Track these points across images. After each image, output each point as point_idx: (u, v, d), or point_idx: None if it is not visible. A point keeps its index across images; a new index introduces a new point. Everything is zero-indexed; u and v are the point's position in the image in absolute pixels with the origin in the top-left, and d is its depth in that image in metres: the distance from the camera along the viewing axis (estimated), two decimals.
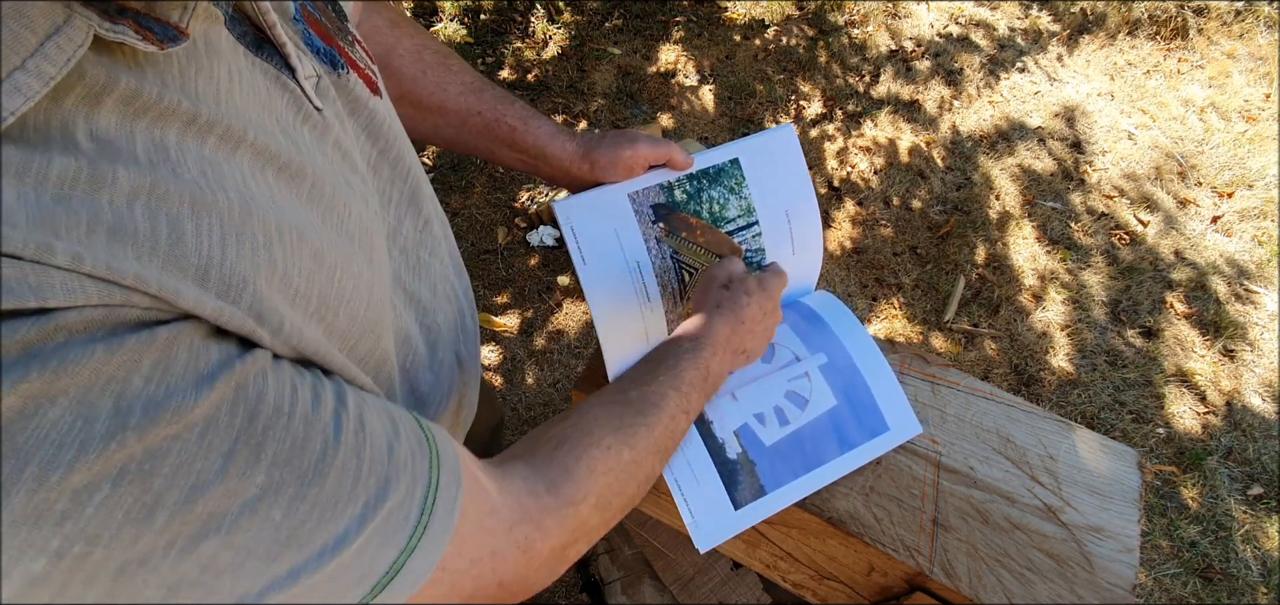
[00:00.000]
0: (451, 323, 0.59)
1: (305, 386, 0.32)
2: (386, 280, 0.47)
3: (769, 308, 0.65)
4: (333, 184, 0.40)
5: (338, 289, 0.38)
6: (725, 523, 0.64)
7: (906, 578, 0.73)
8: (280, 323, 0.32)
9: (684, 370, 0.57)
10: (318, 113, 0.42)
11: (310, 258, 0.35)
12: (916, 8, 2.72)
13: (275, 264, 0.32)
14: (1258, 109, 2.37)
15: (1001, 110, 2.41)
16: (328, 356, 0.36)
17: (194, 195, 0.29)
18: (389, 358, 0.47)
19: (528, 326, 1.93)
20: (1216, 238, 2.07)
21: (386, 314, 0.47)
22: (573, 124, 2.38)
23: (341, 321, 0.38)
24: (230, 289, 0.30)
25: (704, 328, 0.61)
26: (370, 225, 0.44)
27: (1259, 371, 1.82)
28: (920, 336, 1.91)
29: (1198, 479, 1.66)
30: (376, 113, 0.49)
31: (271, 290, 0.32)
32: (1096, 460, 0.78)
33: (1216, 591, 1.53)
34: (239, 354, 0.29)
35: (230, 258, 0.30)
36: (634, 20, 2.69)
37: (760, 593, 1.08)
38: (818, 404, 0.71)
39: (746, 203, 0.73)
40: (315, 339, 0.35)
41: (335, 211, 0.39)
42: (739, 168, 0.73)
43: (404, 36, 0.69)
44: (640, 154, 0.69)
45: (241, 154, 0.33)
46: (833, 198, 2.20)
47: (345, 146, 0.44)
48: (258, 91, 0.37)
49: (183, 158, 0.30)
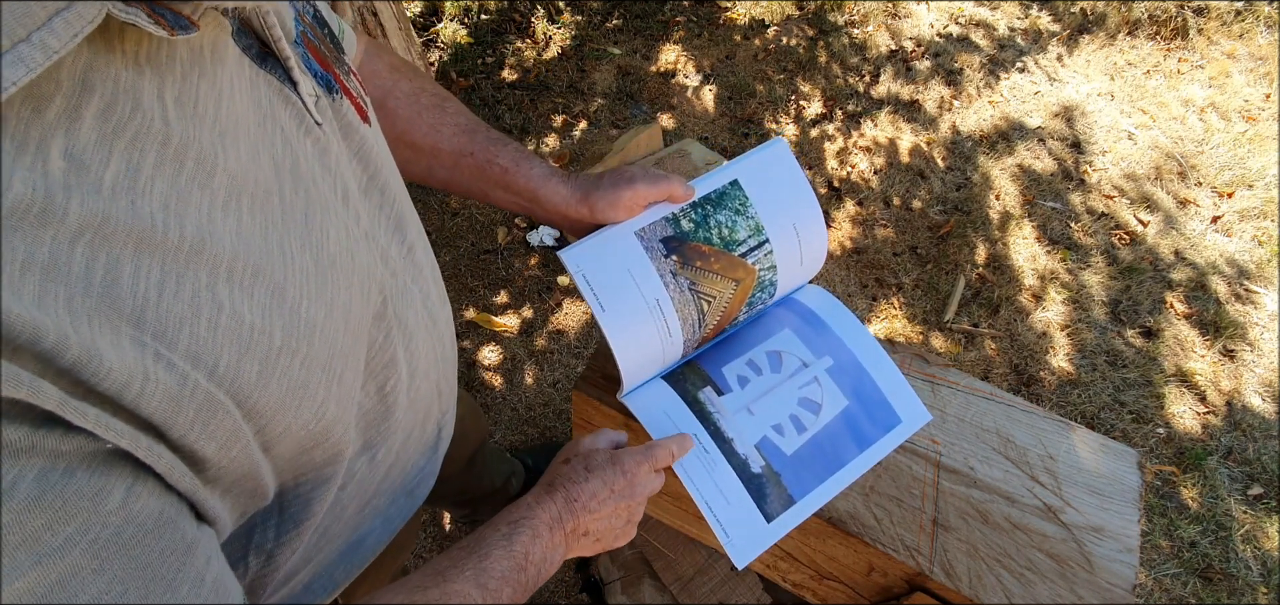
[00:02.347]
0: (432, 351, 0.59)
1: (135, 588, 0.30)
2: (372, 306, 0.47)
3: (619, 486, 0.58)
4: (322, 203, 0.40)
5: (305, 321, 0.38)
6: (759, 536, 0.64)
7: (906, 578, 0.73)
8: (215, 365, 0.32)
9: (493, 563, 0.51)
10: (319, 127, 0.42)
11: (268, 294, 0.35)
12: (916, 8, 2.72)
13: (220, 306, 0.32)
14: (1258, 109, 2.37)
15: (1001, 110, 2.41)
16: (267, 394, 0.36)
17: (143, 232, 0.29)
18: (361, 385, 0.47)
19: (528, 326, 1.93)
20: (1216, 238, 2.07)
21: (366, 337, 0.47)
22: (573, 123, 2.38)
23: (317, 350, 0.39)
24: (165, 332, 0.30)
25: (527, 509, 0.56)
26: (354, 249, 0.44)
27: (1259, 371, 1.82)
28: (920, 336, 1.91)
29: (1198, 479, 1.66)
30: (366, 139, 0.50)
31: (214, 333, 0.32)
32: (1096, 460, 0.78)
33: (1216, 591, 1.53)
34: (102, 525, 0.28)
35: (166, 300, 0.30)
36: (634, 20, 2.69)
37: (760, 593, 1.08)
38: (830, 407, 0.71)
39: (754, 221, 0.72)
40: (257, 381, 0.35)
41: (312, 238, 0.39)
42: (740, 188, 0.73)
43: (402, 80, 0.70)
44: (640, 193, 0.68)
45: (217, 181, 0.33)
46: (833, 198, 2.20)
47: (339, 168, 0.45)
48: (260, 102, 0.38)
49: (152, 185, 0.30)
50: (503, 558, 0.52)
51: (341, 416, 0.44)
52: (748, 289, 0.73)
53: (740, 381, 0.73)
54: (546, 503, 0.56)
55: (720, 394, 0.72)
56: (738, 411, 0.70)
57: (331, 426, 0.43)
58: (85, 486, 0.27)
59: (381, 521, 0.62)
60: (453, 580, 0.49)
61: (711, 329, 0.73)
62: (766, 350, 0.76)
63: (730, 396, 0.72)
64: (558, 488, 0.58)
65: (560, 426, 1.76)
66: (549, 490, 0.58)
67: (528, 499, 0.57)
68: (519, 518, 0.55)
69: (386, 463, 0.57)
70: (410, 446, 0.60)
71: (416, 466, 0.63)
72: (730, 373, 0.74)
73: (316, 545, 0.54)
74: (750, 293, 0.73)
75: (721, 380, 0.73)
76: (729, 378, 0.73)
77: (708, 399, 0.71)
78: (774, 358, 0.75)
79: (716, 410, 0.70)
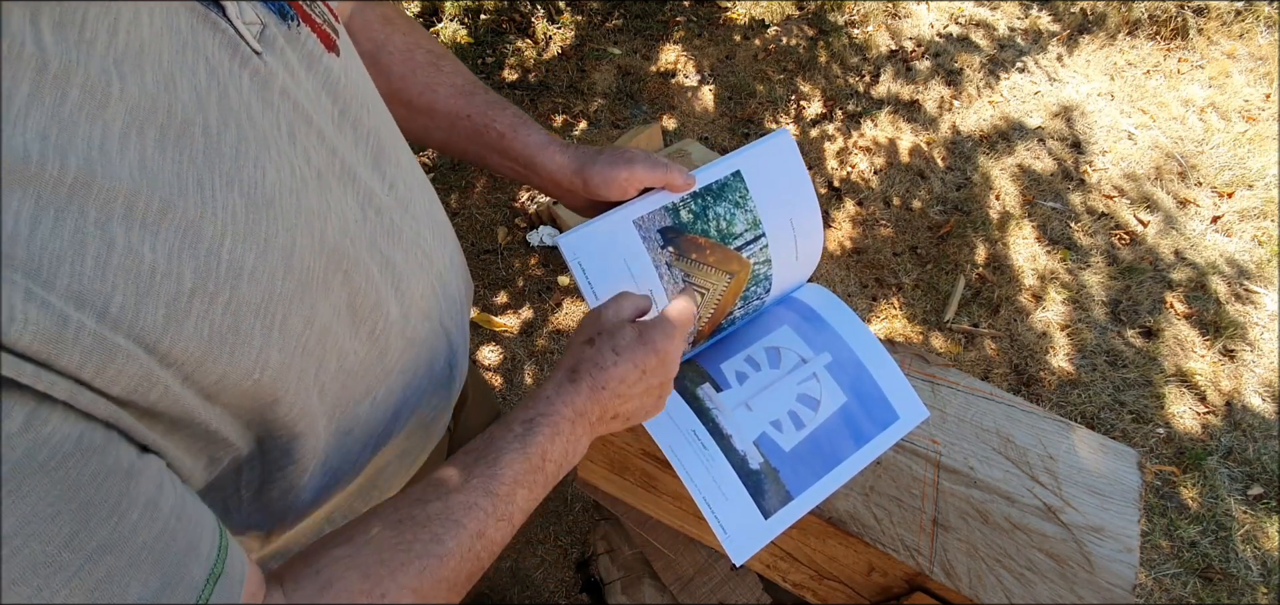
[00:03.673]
0: (427, 287, 0.57)
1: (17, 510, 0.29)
2: (346, 244, 0.46)
3: (651, 364, 0.54)
4: (249, 141, 0.38)
5: (229, 262, 0.36)
6: (757, 533, 0.64)
7: (906, 578, 0.73)
8: (106, 307, 0.30)
9: (504, 467, 0.47)
10: (257, 57, 0.40)
11: (176, 233, 0.33)
12: (916, 8, 2.72)
13: (112, 244, 0.30)
14: (1258, 109, 2.37)
15: (1001, 110, 2.41)
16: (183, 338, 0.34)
17: (11, 165, 0.28)
18: (335, 326, 0.45)
19: (528, 327, 1.93)
20: (1216, 238, 2.07)
21: (337, 280, 0.45)
22: (573, 123, 2.38)
23: (245, 294, 0.37)
24: (38, 270, 0.28)
25: (547, 403, 0.51)
26: (300, 188, 0.42)
27: (1259, 371, 1.82)
28: (920, 336, 1.91)
29: (1198, 479, 1.66)
30: (332, 70, 0.47)
31: (102, 272, 0.30)
32: (1096, 460, 0.78)
33: (1216, 591, 1.53)
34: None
35: (41, 236, 0.28)
36: (634, 20, 2.69)
37: (760, 593, 1.08)
38: (829, 403, 0.71)
39: (752, 215, 0.72)
40: (161, 325, 0.33)
41: (242, 173, 0.37)
42: (742, 180, 0.72)
43: (396, 34, 0.68)
44: (637, 175, 0.66)
45: (112, 110, 0.31)
46: (833, 198, 2.20)
47: (297, 99, 0.43)
48: (179, 29, 0.36)
49: (26, 114, 0.28)
50: (516, 459, 0.48)
51: (293, 367, 0.42)
52: (742, 283, 0.73)
53: (739, 377, 0.73)
54: (568, 394, 0.52)
55: (718, 390, 0.72)
56: (736, 407, 0.70)
57: (280, 379, 0.41)
58: None
59: (397, 458, 0.62)
60: (459, 490, 0.46)
61: (707, 324, 0.73)
62: (765, 346, 0.76)
63: (729, 392, 0.72)
64: (583, 375, 0.52)
65: None
66: (572, 378, 0.52)
67: (547, 391, 0.52)
68: (536, 414, 0.50)
69: (390, 404, 0.56)
70: (416, 385, 0.59)
71: (429, 404, 0.62)
72: (729, 369, 0.74)
73: (325, 484, 0.54)
74: (744, 287, 0.73)
75: (720, 376, 0.73)
76: (727, 374, 0.73)
77: (706, 395, 0.71)
78: (773, 353, 0.75)
79: (715, 406, 0.70)
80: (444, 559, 0.43)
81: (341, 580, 0.40)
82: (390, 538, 0.42)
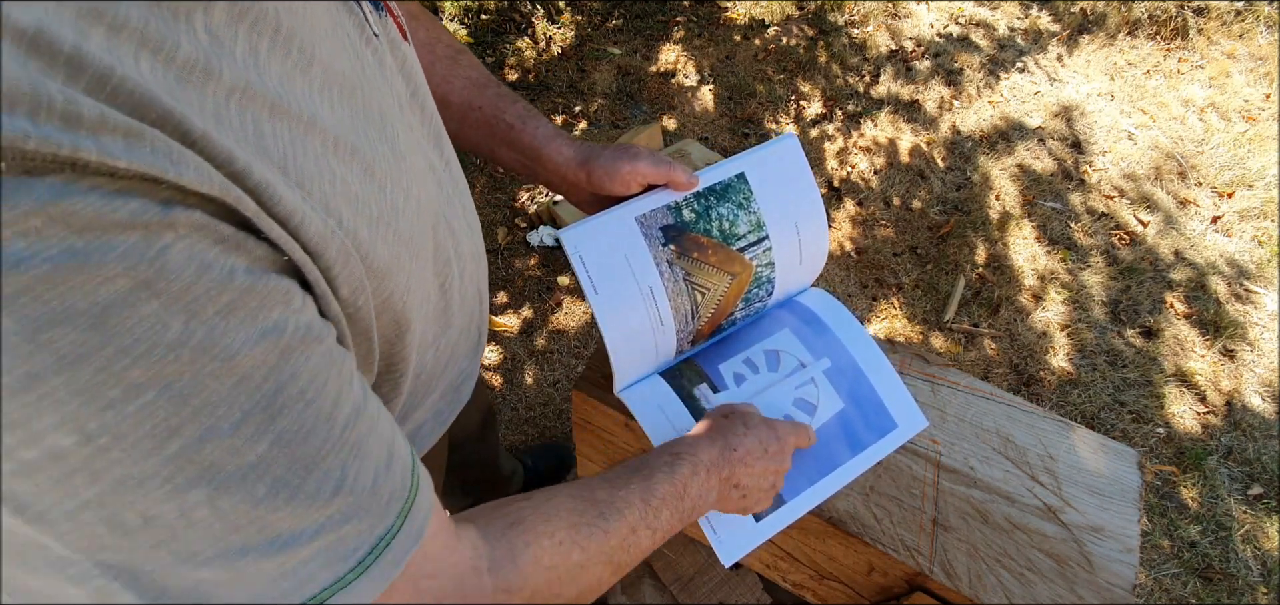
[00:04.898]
0: (473, 253, 0.61)
1: (334, 381, 0.33)
2: (432, 203, 0.50)
3: (773, 449, 0.61)
4: (384, 106, 0.43)
5: (390, 201, 0.41)
6: (747, 535, 0.64)
7: (906, 578, 0.73)
8: (340, 217, 0.35)
9: (657, 483, 0.53)
10: (376, 38, 0.45)
11: (361, 171, 0.38)
12: (916, 8, 2.72)
13: (334, 172, 0.36)
14: (1258, 109, 2.37)
15: (1001, 110, 2.41)
16: (377, 256, 0.39)
17: (273, 100, 0.32)
18: (429, 275, 0.50)
19: (528, 326, 1.93)
20: (1216, 238, 2.07)
21: (430, 232, 0.50)
22: (573, 124, 2.38)
23: (402, 229, 0.42)
24: (304, 182, 0.33)
25: (690, 446, 0.58)
26: (413, 151, 0.47)
27: (1259, 371, 1.82)
28: (920, 336, 1.91)
29: (1198, 479, 1.66)
30: (407, 56, 0.52)
31: (334, 191, 0.35)
32: (1096, 460, 0.78)
33: (1216, 591, 1.53)
34: (297, 321, 0.31)
35: (298, 157, 0.33)
36: (634, 20, 2.69)
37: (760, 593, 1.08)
38: (826, 408, 0.71)
39: (756, 217, 0.72)
40: (368, 241, 0.38)
41: (387, 132, 0.43)
42: (746, 182, 0.72)
43: (419, 29, 0.71)
44: (640, 170, 0.67)
45: (314, 70, 0.36)
46: (833, 198, 2.20)
47: (393, 78, 0.48)
48: (332, 10, 0.41)
49: (269, 65, 0.33)
50: (665, 481, 0.54)
51: (417, 301, 0.47)
52: (743, 284, 0.73)
53: (737, 379, 0.73)
54: (706, 447, 0.58)
55: (716, 391, 0.72)
56: None
57: (412, 309, 0.46)
58: (277, 285, 0.30)
59: (432, 417, 0.64)
60: (621, 487, 0.52)
61: (706, 323, 0.72)
62: (764, 349, 0.75)
63: (726, 394, 0.72)
64: (717, 435, 0.59)
65: (560, 426, 1.75)
66: (709, 435, 0.59)
67: (687, 439, 0.59)
68: (681, 451, 0.57)
69: (445, 355, 0.59)
70: (461, 343, 0.62)
71: (462, 367, 0.65)
72: (727, 370, 0.74)
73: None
74: (746, 288, 0.73)
75: (717, 377, 0.73)
76: (726, 375, 0.73)
77: (703, 395, 0.71)
78: (772, 357, 0.75)
79: (711, 407, 0.70)
80: (608, 535, 0.49)
81: (533, 527, 0.46)
82: (574, 508, 0.49)
